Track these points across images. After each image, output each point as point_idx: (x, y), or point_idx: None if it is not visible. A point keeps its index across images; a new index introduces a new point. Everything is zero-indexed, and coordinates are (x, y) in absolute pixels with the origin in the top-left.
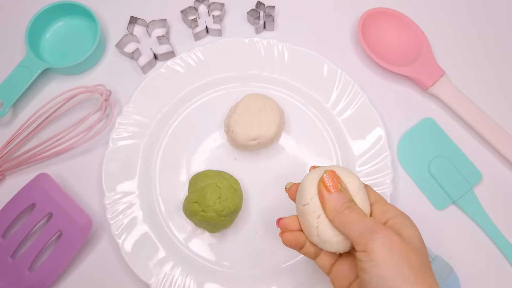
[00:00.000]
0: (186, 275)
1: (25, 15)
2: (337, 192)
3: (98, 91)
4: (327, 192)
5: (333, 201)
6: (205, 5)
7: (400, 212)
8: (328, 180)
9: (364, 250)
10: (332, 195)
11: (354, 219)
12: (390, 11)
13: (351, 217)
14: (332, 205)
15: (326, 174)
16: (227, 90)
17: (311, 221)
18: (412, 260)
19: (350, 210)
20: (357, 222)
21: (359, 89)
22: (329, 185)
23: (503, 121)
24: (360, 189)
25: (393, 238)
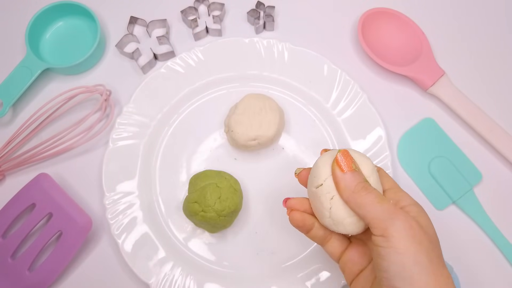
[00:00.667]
0: (186, 275)
1: (25, 15)
2: (351, 171)
3: (98, 91)
4: (341, 172)
5: (348, 180)
6: (205, 5)
7: (415, 201)
8: (342, 160)
9: (383, 235)
10: (346, 175)
11: (372, 201)
12: (390, 11)
13: (369, 199)
14: (347, 185)
15: (340, 154)
16: (227, 90)
17: (324, 202)
18: (430, 250)
19: (367, 192)
20: (375, 204)
21: (359, 89)
22: (343, 164)
23: (503, 121)
24: (373, 172)
25: (413, 225)
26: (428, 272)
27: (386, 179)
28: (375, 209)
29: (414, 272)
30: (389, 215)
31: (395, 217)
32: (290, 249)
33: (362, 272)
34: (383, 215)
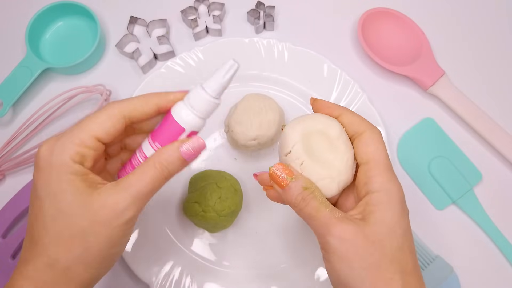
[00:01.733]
0: (186, 275)
1: (25, 15)
2: (288, 185)
3: (98, 91)
4: (279, 188)
5: (288, 195)
6: (205, 5)
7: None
8: (276, 175)
9: (322, 248)
10: (284, 191)
11: (309, 214)
12: (390, 11)
13: (307, 211)
14: (288, 199)
15: (273, 169)
16: (227, 90)
17: (295, 169)
18: (367, 257)
19: (305, 204)
20: (312, 217)
21: (359, 89)
22: (280, 179)
23: (503, 121)
24: (341, 135)
25: (346, 237)
26: (364, 281)
27: (366, 151)
28: (312, 225)
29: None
30: (323, 231)
31: (328, 233)
32: (290, 249)
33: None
34: (320, 230)
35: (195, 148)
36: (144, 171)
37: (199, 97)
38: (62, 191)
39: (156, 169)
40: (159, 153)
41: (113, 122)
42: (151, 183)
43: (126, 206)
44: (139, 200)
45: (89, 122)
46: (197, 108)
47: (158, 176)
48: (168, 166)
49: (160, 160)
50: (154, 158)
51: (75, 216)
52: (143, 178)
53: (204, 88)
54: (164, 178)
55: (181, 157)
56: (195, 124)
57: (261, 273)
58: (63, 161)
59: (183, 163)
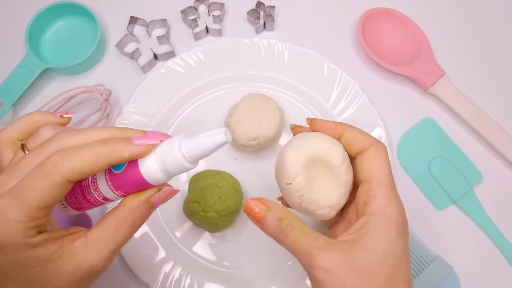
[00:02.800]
0: (186, 275)
1: (25, 15)
2: (263, 219)
3: (98, 91)
4: (257, 223)
5: (265, 229)
6: (205, 5)
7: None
8: (251, 210)
9: (311, 279)
10: (261, 225)
11: (290, 246)
12: (390, 11)
13: (287, 243)
14: (266, 232)
15: (248, 204)
16: (227, 90)
17: (294, 200)
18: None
19: (284, 235)
20: (293, 249)
21: (359, 89)
22: (255, 213)
23: (503, 121)
24: (343, 162)
25: (331, 268)
26: None
27: (368, 167)
28: (296, 255)
29: None
30: (308, 262)
31: (312, 266)
32: None
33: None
34: (304, 261)
35: (166, 199)
36: (116, 229)
37: (174, 160)
38: (30, 266)
39: (128, 226)
40: (131, 209)
41: (59, 191)
42: (123, 240)
43: (99, 263)
44: (112, 255)
45: (30, 196)
46: (169, 169)
47: (132, 232)
48: (141, 220)
49: (132, 217)
50: (126, 215)
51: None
52: (115, 237)
53: (183, 151)
54: (136, 228)
55: (151, 207)
56: (161, 181)
57: (261, 273)
58: (16, 243)
59: (152, 211)
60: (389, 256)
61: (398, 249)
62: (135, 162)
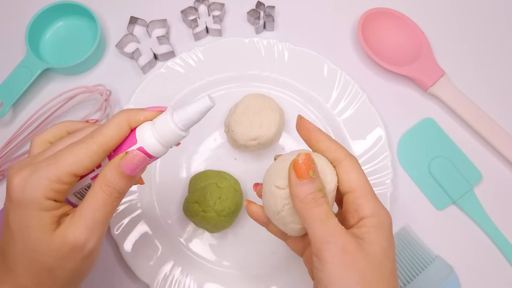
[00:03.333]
0: (186, 275)
1: (25, 15)
2: (307, 179)
3: (98, 91)
4: (296, 178)
5: (300, 188)
6: (205, 5)
7: (377, 210)
8: (301, 165)
9: (318, 256)
10: (301, 183)
11: (316, 217)
12: (390, 11)
13: (314, 214)
14: (298, 193)
15: (301, 157)
16: (227, 90)
17: (277, 205)
18: (367, 274)
19: (315, 205)
20: (317, 222)
21: (359, 89)
22: (301, 169)
23: (503, 121)
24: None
25: (349, 249)
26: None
27: (349, 178)
28: (316, 228)
29: None
30: (327, 237)
31: (332, 241)
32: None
33: None
34: (322, 236)
35: (134, 163)
36: (93, 196)
37: (165, 123)
38: (30, 228)
39: (103, 192)
40: (102, 173)
41: (93, 159)
42: (102, 208)
43: (85, 239)
44: (96, 229)
45: (68, 157)
46: (160, 133)
47: (108, 198)
48: (114, 186)
49: (105, 181)
50: (99, 180)
51: (41, 254)
52: (94, 205)
53: (174, 117)
54: (115, 199)
55: (123, 173)
56: (153, 148)
57: (261, 273)
58: (35, 198)
59: (129, 179)
60: (389, 252)
61: (393, 248)
62: (133, 132)
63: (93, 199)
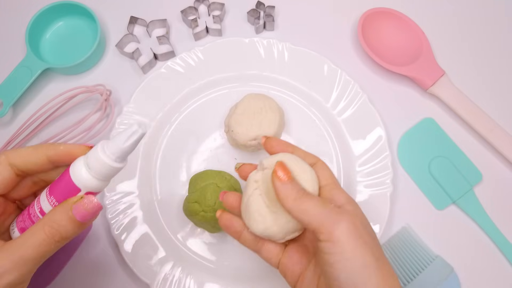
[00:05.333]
0: (186, 275)
1: (25, 15)
2: (290, 181)
3: (98, 91)
4: (280, 182)
5: (288, 189)
6: (205, 5)
7: (349, 199)
8: (280, 171)
9: (329, 239)
10: (287, 184)
11: (315, 205)
12: (390, 11)
13: (311, 203)
14: (288, 194)
15: (278, 165)
16: (227, 90)
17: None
18: (374, 248)
19: (308, 198)
20: (317, 208)
21: (359, 89)
22: (281, 175)
23: (503, 121)
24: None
25: (357, 224)
26: (377, 273)
27: (323, 175)
28: (319, 214)
29: (364, 276)
30: (333, 218)
31: (340, 219)
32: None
33: (304, 273)
34: (328, 219)
35: (88, 210)
36: (32, 234)
37: (97, 159)
38: None
39: (44, 233)
40: (50, 214)
41: (5, 177)
42: (37, 248)
43: (6, 270)
44: (22, 265)
45: None
46: (94, 169)
47: (47, 240)
48: (59, 229)
49: (50, 223)
50: (44, 220)
51: None
52: (30, 242)
53: (105, 150)
54: (55, 242)
55: (74, 218)
56: (92, 185)
57: (261, 273)
58: None
59: (79, 225)
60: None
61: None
62: (67, 170)
63: (30, 237)
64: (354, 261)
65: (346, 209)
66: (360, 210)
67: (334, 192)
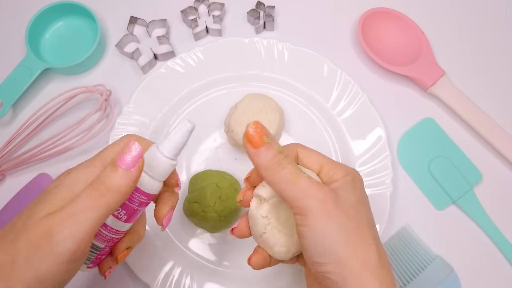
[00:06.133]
0: (186, 275)
1: (25, 15)
2: (264, 146)
3: (98, 91)
4: (253, 149)
5: (261, 157)
6: (205, 5)
7: (348, 171)
8: (253, 134)
9: (300, 213)
10: (259, 151)
11: (286, 179)
12: (390, 11)
13: (283, 175)
14: (260, 162)
15: (251, 127)
16: (227, 90)
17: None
18: (351, 218)
19: (280, 168)
20: (288, 182)
21: (359, 89)
22: (254, 139)
23: (503, 121)
24: None
25: (328, 200)
26: (346, 245)
27: (314, 158)
28: (290, 188)
29: (334, 247)
30: (304, 193)
31: (310, 195)
32: None
33: None
34: (298, 193)
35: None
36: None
37: (154, 158)
38: None
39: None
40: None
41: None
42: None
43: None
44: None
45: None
46: (153, 171)
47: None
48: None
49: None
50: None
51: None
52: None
53: (160, 149)
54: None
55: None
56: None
57: (261, 273)
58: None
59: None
60: (364, 200)
61: (365, 200)
62: None
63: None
64: (324, 233)
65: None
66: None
67: (332, 172)
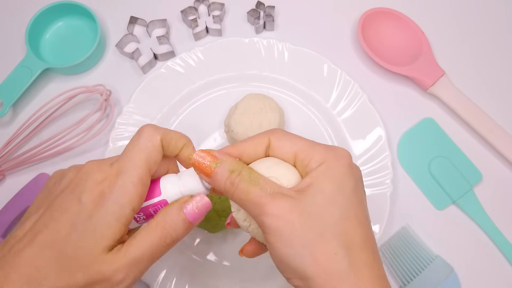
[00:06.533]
0: (186, 275)
1: (25, 15)
2: (213, 172)
3: (98, 91)
4: (206, 177)
5: (216, 183)
6: (205, 5)
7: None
8: (199, 163)
9: (260, 227)
10: (212, 179)
11: (239, 198)
12: (390, 11)
13: (237, 195)
14: (217, 186)
15: (196, 157)
16: (227, 90)
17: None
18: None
19: (234, 188)
20: (243, 201)
21: (359, 89)
22: (204, 167)
23: (503, 121)
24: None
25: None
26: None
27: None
28: (247, 206)
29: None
30: (259, 210)
31: (262, 213)
32: None
33: None
34: (254, 211)
35: (199, 208)
36: (147, 235)
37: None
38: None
39: (157, 234)
40: (162, 215)
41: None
42: (149, 250)
43: (122, 277)
44: (135, 267)
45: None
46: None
47: (159, 242)
48: (171, 232)
49: (163, 223)
50: (158, 219)
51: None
52: (143, 244)
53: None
54: (166, 245)
55: (185, 219)
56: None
57: (261, 273)
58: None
59: (188, 225)
60: (337, 196)
61: (347, 188)
62: None
63: (143, 239)
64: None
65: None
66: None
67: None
